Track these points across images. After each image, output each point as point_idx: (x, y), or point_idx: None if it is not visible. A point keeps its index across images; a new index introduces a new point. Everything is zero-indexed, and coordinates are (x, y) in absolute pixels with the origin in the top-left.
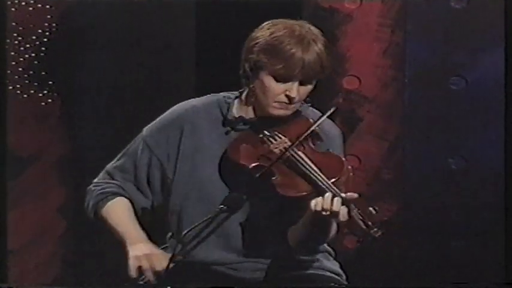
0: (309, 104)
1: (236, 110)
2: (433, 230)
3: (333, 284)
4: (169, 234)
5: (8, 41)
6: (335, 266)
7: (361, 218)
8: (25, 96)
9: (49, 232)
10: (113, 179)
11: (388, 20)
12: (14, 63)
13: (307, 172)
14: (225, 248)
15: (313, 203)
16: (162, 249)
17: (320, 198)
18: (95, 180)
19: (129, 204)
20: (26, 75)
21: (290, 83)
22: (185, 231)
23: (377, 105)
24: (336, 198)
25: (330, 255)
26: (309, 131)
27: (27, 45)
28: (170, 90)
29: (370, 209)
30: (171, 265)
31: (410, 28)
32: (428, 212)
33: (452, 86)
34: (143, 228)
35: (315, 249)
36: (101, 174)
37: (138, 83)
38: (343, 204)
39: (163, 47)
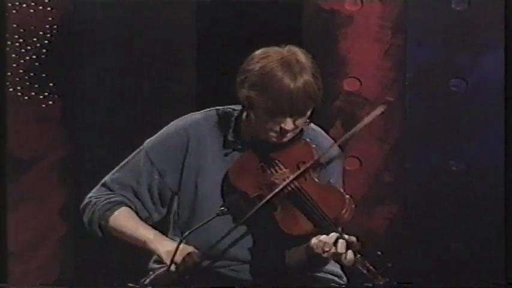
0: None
1: (237, 131)
2: (433, 231)
3: (333, 284)
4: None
5: (9, 42)
6: (336, 268)
7: (363, 264)
8: (26, 98)
9: (49, 234)
10: (112, 191)
11: (388, 22)
12: (14, 65)
13: (309, 208)
14: (226, 255)
15: (314, 241)
16: None
17: (322, 237)
18: (92, 194)
19: (135, 213)
20: (26, 77)
21: (283, 118)
22: (186, 233)
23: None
24: (340, 240)
25: None
26: (307, 165)
27: (28, 47)
28: (171, 92)
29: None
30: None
31: (411, 30)
32: (428, 213)
33: (452, 87)
34: None
35: (312, 272)
36: (98, 187)
37: (139, 84)
38: (348, 248)
39: (164, 48)
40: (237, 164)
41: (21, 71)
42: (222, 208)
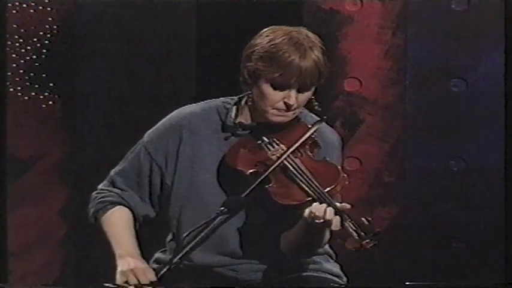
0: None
1: (235, 116)
2: (433, 232)
3: (332, 284)
4: (169, 237)
5: (9, 43)
6: (335, 268)
7: (354, 228)
8: (26, 98)
9: (49, 234)
10: (115, 186)
11: (389, 22)
12: (14, 65)
13: (303, 181)
14: (223, 250)
15: (306, 211)
16: (161, 252)
17: (313, 207)
18: (99, 187)
19: (129, 213)
20: (26, 77)
21: (288, 91)
22: (184, 235)
23: (378, 107)
24: (328, 208)
25: (331, 257)
26: (303, 138)
27: (28, 47)
28: (172, 93)
29: (363, 219)
30: (169, 268)
31: (411, 30)
32: (429, 213)
33: (453, 87)
34: (140, 236)
35: (307, 255)
36: (105, 181)
37: (139, 85)
38: (336, 214)
39: (165, 49)
40: (234, 146)
41: (21, 71)
42: (222, 208)
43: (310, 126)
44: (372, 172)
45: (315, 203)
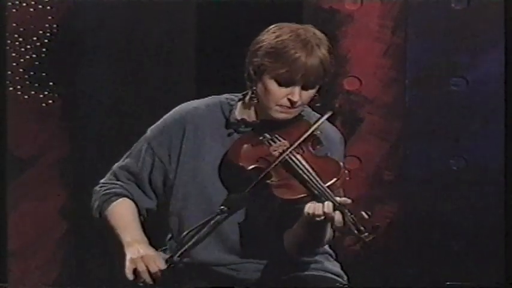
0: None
1: (239, 113)
2: (433, 231)
3: (335, 284)
4: (169, 236)
5: (9, 41)
6: (336, 267)
7: (353, 222)
8: (26, 97)
9: (49, 233)
10: (118, 179)
11: (388, 21)
12: (14, 64)
13: (303, 175)
14: (224, 249)
15: (307, 207)
16: (161, 251)
17: (314, 202)
18: (102, 181)
19: (133, 205)
20: (26, 76)
21: (292, 87)
22: (185, 233)
23: (378, 106)
24: (327, 202)
25: (331, 256)
26: (306, 134)
27: (28, 46)
28: (171, 92)
29: (363, 213)
30: (168, 266)
31: (410, 29)
32: (428, 212)
33: (452, 86)
34: (144, 230)
35: (310, 253)
36: (108, 175)
37: (139, 84)
38: (336, 209)
39: (165, 48)
40: (236, 142)
41: (21, 70)
42: (222, 207)
43: (312, 123)
44: (372, 171)
45: (311, 203)
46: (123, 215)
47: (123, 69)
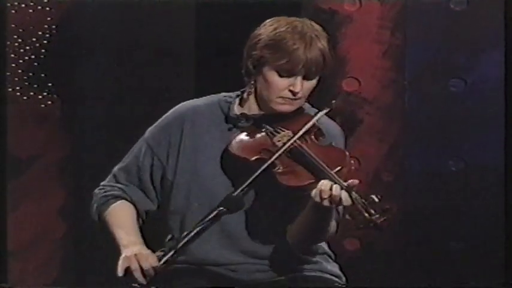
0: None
1: (238, 108)
2: (433, 231)
3: (334, 284)
4: (169, 237)
5: (8, 43)
6: (335, 268)
7: (363, 206)
8: (25, 98)
9: (49, 233)
10: (118, 181)
11: (387, 22)
12: (13, 65)
13: (310, 162)
14: (224, 247)
15: (313, 192)
16: (160, 252)
17: (321, 183)
18: (102, 183)
19: (132, 208)
20: (25, 77)
21: (293, 78)
22: (184, 234)
23: (377, 107)
24: (335, 185)
25: (330, 257)
26: (310, 123)
27: (27, 47)
28: (170, 92)
29: (373, 196)
30: (162, 266)
31: (410, 30)
32: (428, 213)
33: (451, 87)
34: (142, 233)
35: (313, 247)
36: (108, 177)
37: (138, 84)
38: (343, 189)
39: (164, 48)
40: (237, 135)
41: (20, 71)
42: (221, 208)
43: (314, 115)
44: (371, 172)
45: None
46: (120, 217)
47: (122, 69)
